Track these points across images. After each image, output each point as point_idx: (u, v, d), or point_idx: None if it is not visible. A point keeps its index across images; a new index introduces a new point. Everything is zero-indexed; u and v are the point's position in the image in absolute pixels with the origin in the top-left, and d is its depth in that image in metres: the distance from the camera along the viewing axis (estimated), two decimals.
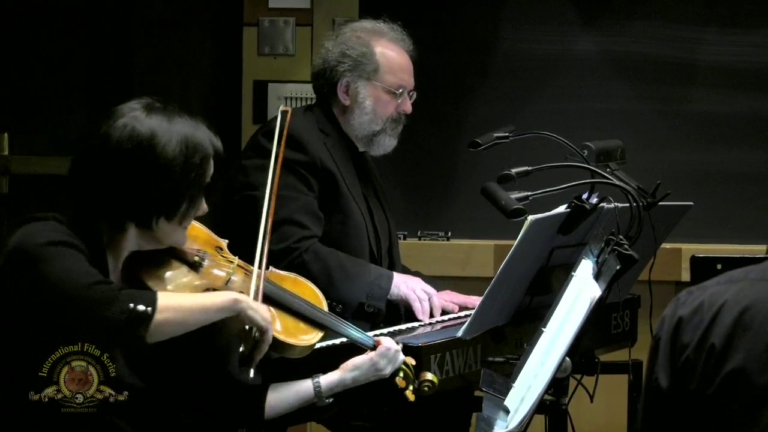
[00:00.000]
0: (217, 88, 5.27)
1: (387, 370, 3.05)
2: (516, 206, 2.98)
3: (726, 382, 1.91)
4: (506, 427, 2.67)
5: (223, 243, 3.05)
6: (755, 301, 1.95)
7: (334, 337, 3.11)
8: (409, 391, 3.07)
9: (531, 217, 3.00)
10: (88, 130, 2.84)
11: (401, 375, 3.06)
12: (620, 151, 3.41)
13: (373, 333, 3.37)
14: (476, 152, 3.43)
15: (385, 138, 3.82)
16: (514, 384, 2.71)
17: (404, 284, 3.68)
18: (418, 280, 3.73)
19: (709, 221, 5.00)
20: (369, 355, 3.04)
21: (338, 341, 3.13)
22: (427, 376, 3.10)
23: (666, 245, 4.10)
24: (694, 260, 3.56)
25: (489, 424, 2.68)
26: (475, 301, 3.56)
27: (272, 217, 3.04)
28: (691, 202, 3.68)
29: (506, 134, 3.45)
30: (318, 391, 2.99)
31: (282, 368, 3.00)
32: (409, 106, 3.84)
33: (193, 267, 2.92)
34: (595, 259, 2.89)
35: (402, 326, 3.55)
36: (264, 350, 2.83)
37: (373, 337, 3.10)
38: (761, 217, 5.02)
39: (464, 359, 3.26)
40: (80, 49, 5.30)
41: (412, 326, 3.56)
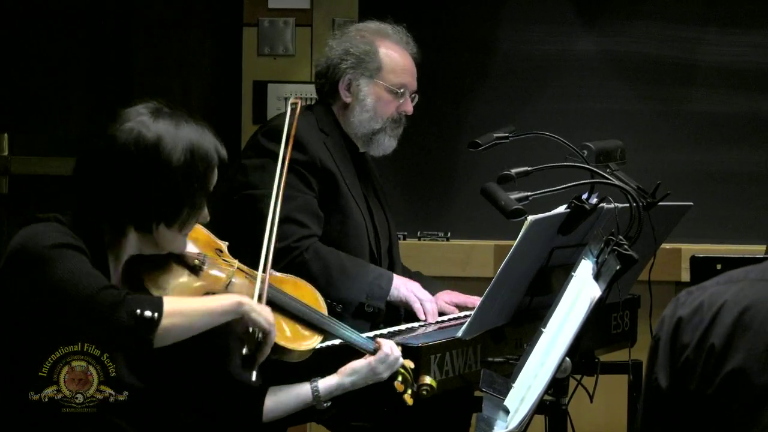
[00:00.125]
0: (217, 88, 5.26)
1: (385, 375, 3.04)
2: (516, 206, 2.98)
3: (726, 382, 1.91)
4: (506, 427, 2.67)
5: (224, 245, 3.05)
6: (755, 301, 1.95)
7: (333, 338, 3.11)
8: (407, 395, 3.06)
9: (531, 218, 3.00)
10: (94, 130, 2.83)
11: (399, 379, 3.06)
12: (620, 152, 3.41)
13: (373, 333, 3.36)
14: (476, 152, 3.43)
15: (384, 138, 3.82)
16: (514, 384, 2.71)
17: (404, 286, 3.68)
18: (416, 284, 3.73)
19: (708, 221, 5.00)
20: (368, 359, 3.04)
21: (338, 342, 3.13)
22: (425, 379, 3.09)
23: (666, 245, 4.10)
24: (694, 260, 3.56)
25: (489, 425, 2.68)
26: (475, 301, 3.56)
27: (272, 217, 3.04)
28: (691, 203, 3.68)
29: (506, 134, 3.45)
30: (316, 395, 2.99)
31: (280, 370, 2.99)
32: (410, 107, 3.84)
33: (194, 270, 2.92)
34: (594, 259, 2.89)
35: (402, 326, 3.55)
36: (267, 352, 2.83)
37: (374, 341, 3.09)
38: (761, 217, 5.02)
39: (464, 359, 3.26)
40: (80, 49, 5.30)
41: (412, 326, 3.56)
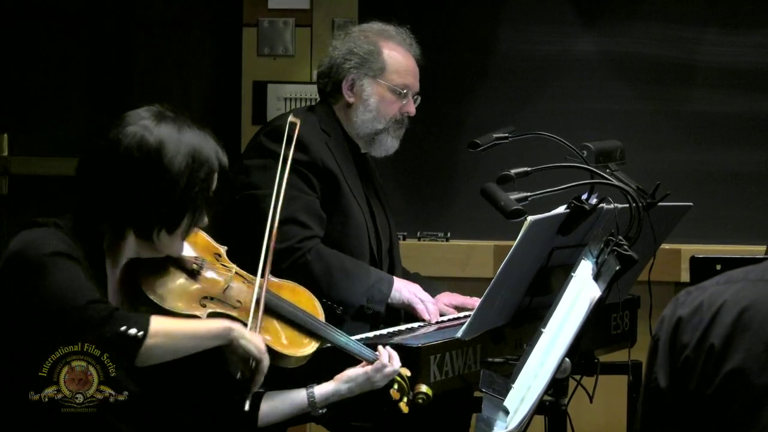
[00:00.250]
0: (217, 88, 5.26)
1: (381, 384, 3.04)
2: (515, 207, 2.97)
3: (725, 382, 1.91)
4: (506, 428, 2.67)
5: (222, 250, 3.05)
6: (754, 301, 1.95)
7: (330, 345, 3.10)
8: (403, 403, 3.06)
9: (530, 218, 3.00)
10: (97, 132, 2.84)
11: (395, 387, 3.05)
12: (619, 152, 3.41)
13: (372, 334, 3.36)
14: (476, 153, 3.43)
15: (387, 138, 3.81)
16: (513, 384, 2.71)
17: (406, 288, 3.68)
18: (417, 286, 3.73)
19: (708, 222, 5.00)
20: (365, 368, 3.03)
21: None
22: (421, 388, 3.08)
23: (665, 246, 4.09)
24: (694, 261, 3.55)
25: (489, 425, 2.68)
26: (475, 302, 3.56)
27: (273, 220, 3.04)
28: (691, 203, 3.68)
29: (505, 135, 3.45)
30: (312, 401, 2.99)
31: (277, 375, 2.98)
32: (412, 108, 3.84)
33: (191, 274, 2.92)
34: (594, 259, 2.89)
35: (401, 327, 3.55)
36: (260, 381, 2.83)
37: (372, 350, 3.07)
38: (761, 217, 5.02)
39: (464, 360, 3.26)
40: (80, 49, 5.30)
41: (412, 327, 3.56)
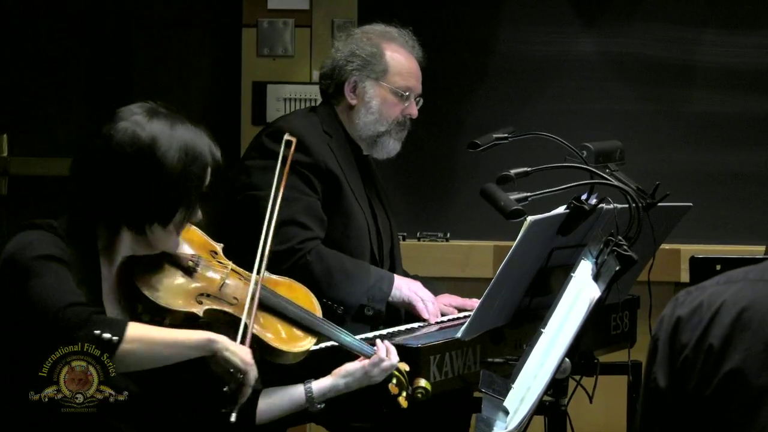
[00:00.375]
0: (217, 88, 5.26)
1: (379, 378, 3.04)
2: (515, 207, 2.98)
3: (724, 382, 1.91)
4: (505, 428, 2.67)
5: (218, 247, 3.05)
6: (754, 301, 1.95)
7: (328, 341, 3.10)
8: (401, 398, 3.05)
9: (530, 218, 3.00)
10: (90, 130, 2.84)
11: (394, 381, 3.05)
12: (619, 152, 3.41)
13: (372, 334, 3.36)
14: (475, 153, 3.43)
15: (389, 140, 3.81)
16: (513, 385, 2.71)
17: (406, 286, 3.67)
18: (418, 283, 3.73)
19: (708, 222, 5.00)
20: (362, 362, 3.03)
21: (332, 343, 3.12)
22: (420, 382, 3.08)
23: (665, 246, 4.10)
24: (694, 261, 3.56)
25: (488, 425, 2.68)
26: (474, 303, 3.56)
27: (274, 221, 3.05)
28: (690, 203, 3.68)
29: (505, 135, 3.45)
30: (310, 396, 2.98)
31: (274, 371, 2.98)
32: (415, 111, 3.83)
33: (187, 271, 2.92)
34: (594, 260, 2.89)
35: (402, 327, 3.55)
36: (247, 393, 2.81)
37: (370, 344, 3.08)
38: (761, 217, 5.02)
39: (463, 360, 3.26)
40: (80, 49, 5.30)
41: (412, 327, 3.55)
